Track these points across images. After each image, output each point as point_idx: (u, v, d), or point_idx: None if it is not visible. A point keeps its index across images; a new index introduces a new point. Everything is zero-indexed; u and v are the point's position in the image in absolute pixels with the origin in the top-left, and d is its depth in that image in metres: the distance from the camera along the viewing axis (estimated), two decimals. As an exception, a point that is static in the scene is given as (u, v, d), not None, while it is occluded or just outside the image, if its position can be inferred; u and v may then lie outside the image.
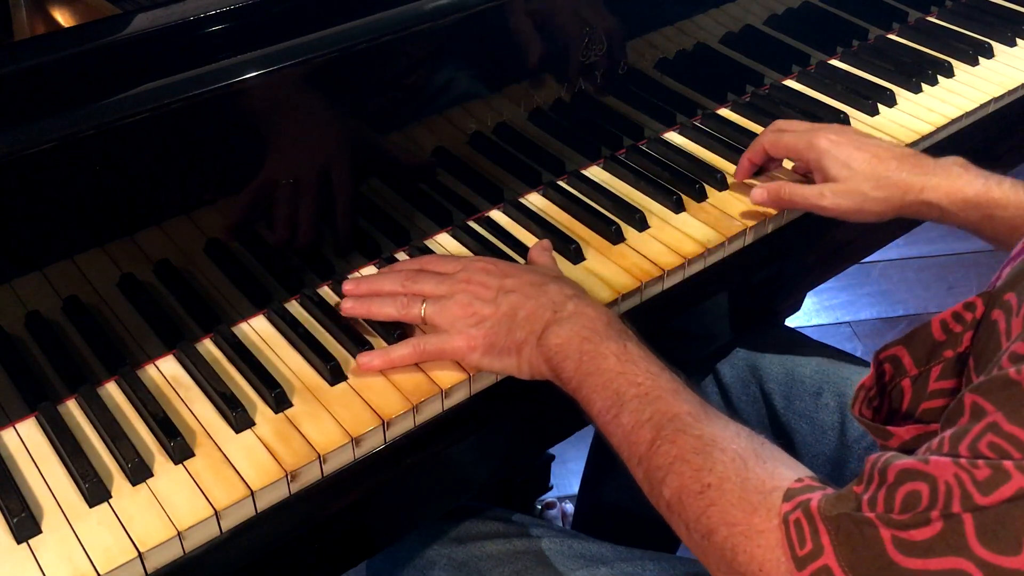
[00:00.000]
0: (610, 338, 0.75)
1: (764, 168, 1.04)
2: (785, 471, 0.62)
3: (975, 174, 0.88)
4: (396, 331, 0.84)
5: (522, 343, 0.79)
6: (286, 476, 0.74)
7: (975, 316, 0.61)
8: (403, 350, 0.82)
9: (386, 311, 0.84)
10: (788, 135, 0.97)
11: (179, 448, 0.75)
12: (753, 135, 1.11)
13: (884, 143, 0.94)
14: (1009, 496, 0.49)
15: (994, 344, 0.57)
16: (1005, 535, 0.49)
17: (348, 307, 0.85)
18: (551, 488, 1.48)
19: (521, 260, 0.93)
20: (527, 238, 0.98)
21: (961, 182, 0.88)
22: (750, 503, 0.60)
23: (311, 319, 0.88)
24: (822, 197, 0.92)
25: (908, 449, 0.62)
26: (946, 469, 0.51)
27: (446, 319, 0.81)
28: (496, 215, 1.01)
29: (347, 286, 0.87)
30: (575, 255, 0.94)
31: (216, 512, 0.71)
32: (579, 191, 1.04)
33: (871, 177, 0.90)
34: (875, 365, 0.66)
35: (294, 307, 0.89)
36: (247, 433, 0.77)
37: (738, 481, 0.61)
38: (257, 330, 0.87)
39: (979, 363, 0.59)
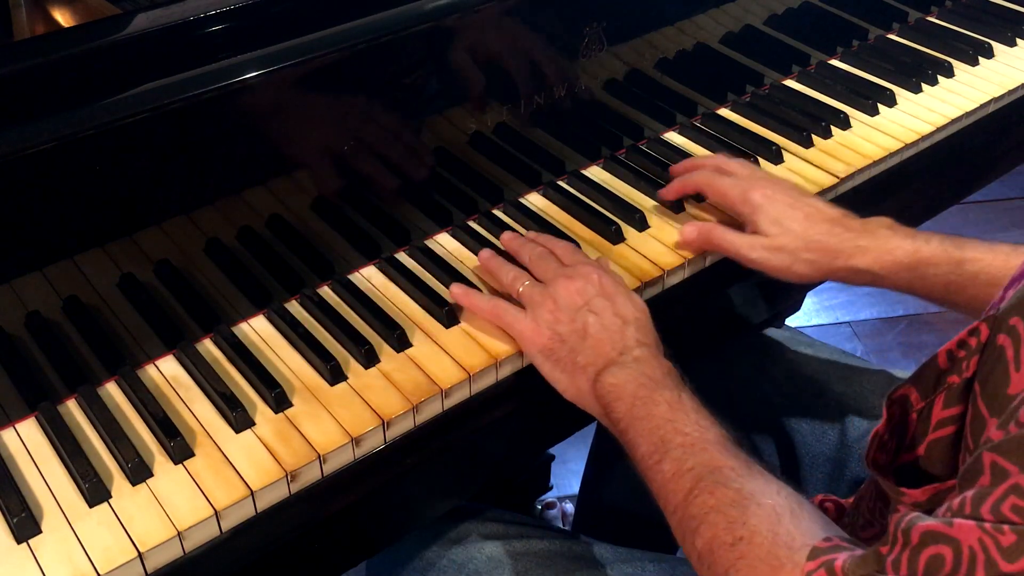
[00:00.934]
0: (666, 387, 0.75)
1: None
2: (817, 530, 0.62)
3: (903, 235, 0.86)
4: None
5: (579, 369, 0.79)
6: (286, 476, 0.74)
7: (980, 341, 0.60)
8: (484, 302, 0.86)
9: (500, 277, 0.88)
10: (725, 181, 0.94)
11: (179, 448, 0.75)
12: (753, 135, 1.11)
13: (818, 203, 0.91)
14: None
15: (1001, 370, 0.57)
16: None
17: (484, 258, 0.91)
18: (551, 488, 1.48)
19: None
20: (527, 238, 0.98)
21: (890, 244, 0.85)
22: (778, 559, 0.60)
23: (311, 319, 0.88)
24: (752, 249, 0.90)
25: (924, 509, 0.62)
26: (970, 533, 0.51)
27: (531, 302, 0.83)
28: (496, 215, 1.01)
29: (504, 236, 0.93)
30: (575, 255, 0.94)
31: (216, 512, 0.71)
32: (579, 191, 1.04)
33: (802, 238, 0.88)
34: (887, 409, 0.66)
35: (294, 307, 0.89)
36: (247, 433, 0.77)
37: (769, 536, 0.61)
38: (257, 330, 0.87)
39: (985, 389, 0.58)
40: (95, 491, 0.72)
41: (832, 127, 1.13)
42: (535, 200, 1.03)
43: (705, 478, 0.67)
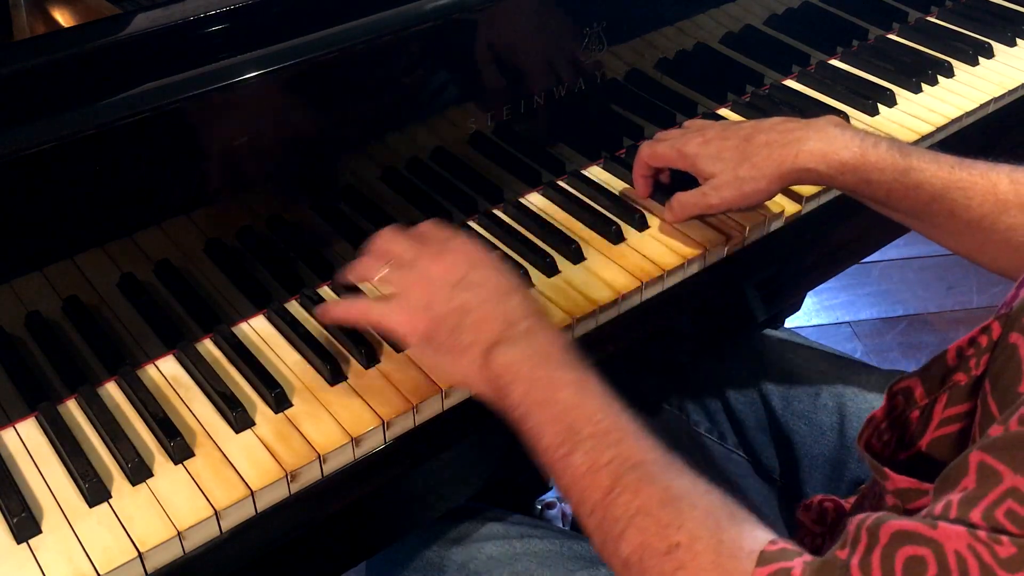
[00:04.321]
0: (567, 366, 0.68)
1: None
2: (759, 532, 0.56)
3: (851, 135, 0.86)
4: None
5: (465, 349, 0.71)
6: (286, 476, 0.74)
7: (991, 339, 0.58)
8: (342, 308, 0.80)
9: (352, 276, 0.81)
10: (661, 145, 0.95)
11: (179, 448, 0.75)
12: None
13: (750, 122, 0.91)
14: None
15: (1013, 368, 0.56)
16: None
17: (338, 274, 0.84)
18: (551, 488, 1.48)
19: (522, 259, 0.93)
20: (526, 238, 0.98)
21: (837, 144, 0.86)
22: (724, 568, 0.54)
23: (311, 319, 0.88)
24: (706, 196, 0.91)
25: (902, 496, 0.60)
26: (958, 539, 0.48)
27: (397, 287, 0.76)
28: (496, 215, 1.01)
29: None
30: (575, 255, 0.94)
31: (216, 512, 0.71)
32: (579, 191, 1.04)
33: (743, 160, 0.88)
34: (888, 397, 0.64)
35: (294, 307, 0.89)
36: (247, 433, 0.77)
37: (712, 542, 0.55)
38: (257, 330, 0.87)
39: (996, 387, 0.57)
40: (95, 491, 0.72)
41: (832, 127, 1.13)
42: (535, 200, 1.03)
43: (627, 474, 0.60)
